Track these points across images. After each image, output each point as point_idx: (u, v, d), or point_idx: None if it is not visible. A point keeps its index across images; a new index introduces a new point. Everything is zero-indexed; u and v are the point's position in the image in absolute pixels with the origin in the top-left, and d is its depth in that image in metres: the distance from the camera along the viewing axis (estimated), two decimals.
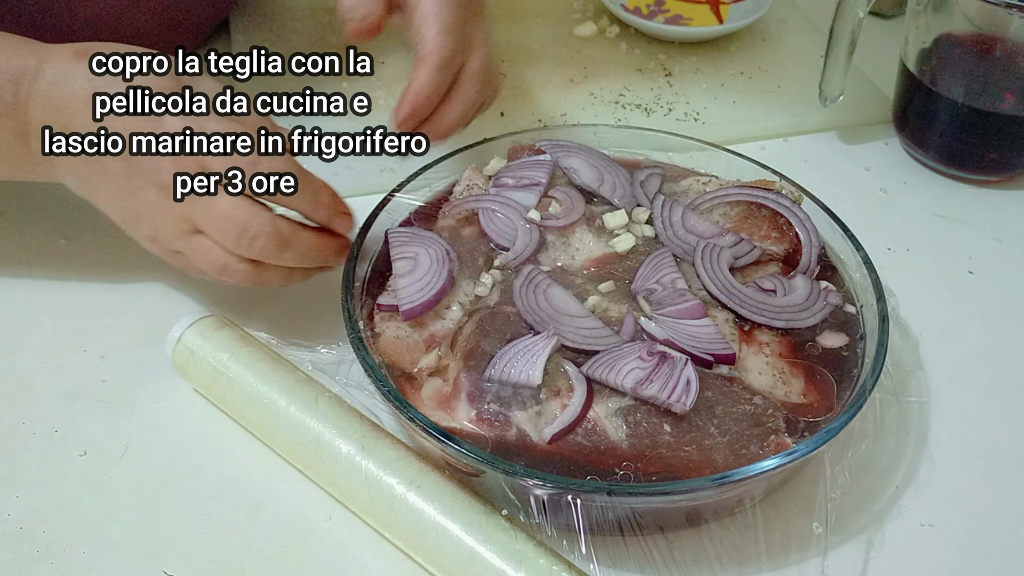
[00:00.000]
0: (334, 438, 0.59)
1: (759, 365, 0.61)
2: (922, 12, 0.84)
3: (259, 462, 0.63)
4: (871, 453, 0.63)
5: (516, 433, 0.57)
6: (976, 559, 0.59)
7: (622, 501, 0.54)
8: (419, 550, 0.56)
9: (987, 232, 0.82)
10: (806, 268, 0.68)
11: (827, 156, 0.90)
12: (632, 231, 0.69)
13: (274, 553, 0.58)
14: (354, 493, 0.58)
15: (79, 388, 0.67)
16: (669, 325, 0.61)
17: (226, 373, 0.63)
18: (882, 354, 0.60)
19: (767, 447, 0.56)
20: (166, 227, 0.62)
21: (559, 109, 0.92)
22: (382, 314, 0.64)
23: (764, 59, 1.00)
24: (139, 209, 0.63)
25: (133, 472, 0.62)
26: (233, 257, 0.62)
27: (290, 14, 1.04)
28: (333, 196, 0.66)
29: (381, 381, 0.58)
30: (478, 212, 0.70)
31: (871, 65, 0.97)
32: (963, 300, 0.76)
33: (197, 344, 0.64)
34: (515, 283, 0.64)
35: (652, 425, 0.57)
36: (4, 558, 0.58)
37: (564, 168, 0.73)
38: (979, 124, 0.83)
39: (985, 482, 0.63)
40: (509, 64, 0.98)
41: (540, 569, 0.53)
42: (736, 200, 0.71)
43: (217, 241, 0.62)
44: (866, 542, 0.59)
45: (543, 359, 0.59)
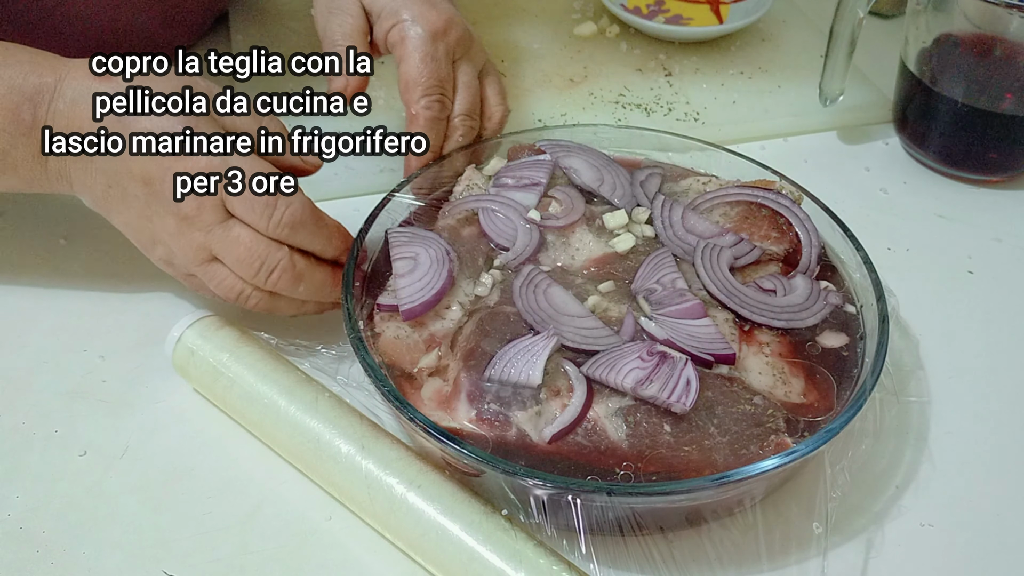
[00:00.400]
0: (334, 438, 0.59)
1: (759, 365, 0.61)
2: (922, 12, 0.84)
3: (259, 462, 0.63)
4: (871, 453, 0.63)
5: (516, 433, 0.57)
6: (976, 559, 0.59)
7: (622, 501, 0.54)
8: (419, 550, 0.56)
9: (987, 232, 0.82)
10: (806, 268, 0.68)
11: (827, 156, 0.90)
12: (632, 231, 0.69)
13: (274, 553, 0.58)
14: (354, 493, 0.58)
15: (79, 388, 0.67)
16: (669, 325, 0.61)
17: (226, 373, 0.63)
18: (882, 354, 0.60)
19: (767, 447, 0.56)
20: (183, 254, 0.63)
21: (559, 109, 0.92)
22: (382, 314, 0.64)
23: (764, 59, 1.00)
24: (157, 234, 0.64)
25: (133, 472, 0.62)
26: (249, 286, 0.64)
27: (290, 14, 1.04)
28: (345, 235, 0.67)
29: (381, 381, 0.58)
30: (478, 212, 0.70)
31: (871, 65, 0.97)
32: (963, 300, 0.76)
33: (197, 344, 0.64)
34: (515, 283, 0.64)
35: (652, 425, 0.57)
36: (4, 558, 0.58)
37: (564, 168, 0.73)
38: (979, 124, 0.83)
39: (985, 482, 0.63)
40: (509, 64, 0.98)
41: (540, 569, 0.53)
42: (736, 200, 0.71)
43: (234, 271, 0.63)
44: (866, 542, 0.59)
45: (543, 359, 0.59)
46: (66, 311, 0.72)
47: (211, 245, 0.62)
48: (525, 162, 0.74)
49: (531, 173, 0.72)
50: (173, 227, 0.62)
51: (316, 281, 0.65)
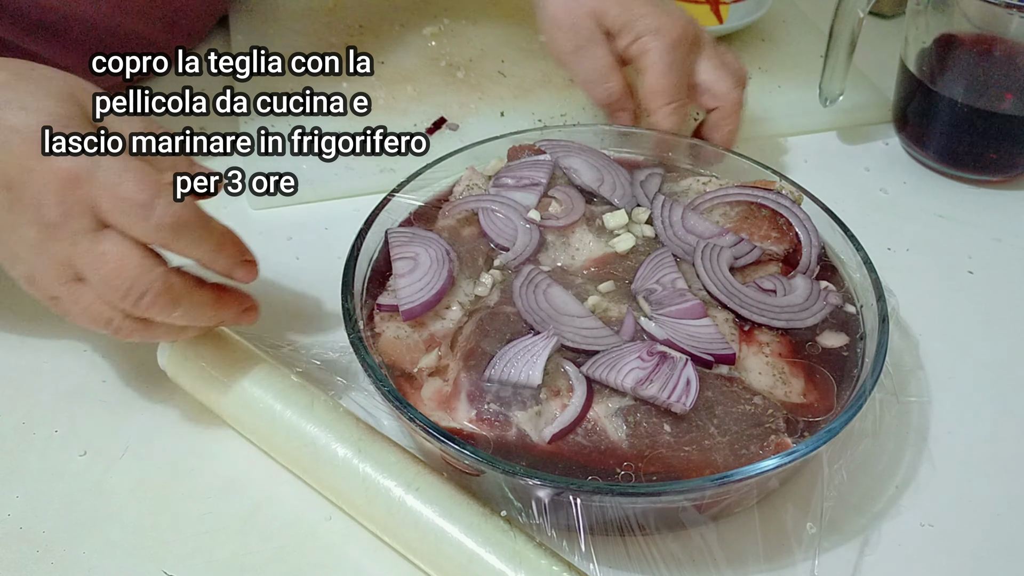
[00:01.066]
0: (330, 442, 0.59)
1: (759, 365, 0.61)
2: (922, 12, 0.84)
3: (259, 462, 0.63)
4: (871, 453, 0.63)
5: (516, 433, 0.57)
6: (976, 559, 0.59)
7: (623, 501, 0.54)
8: (418, 553, 0.56)
9: (987, 232, 0.82)
10: (806, 268, 0.68)
11: (827, 156, 0.90)
12: (632, 231, 0.69)
13: (273, 553, 0.58)
14: (352, 497, 0.58)
15: (79, 388, 0.67)
16: (669, 325, 0.61)
17: (220, 378, 0.62)
18: (882, 354, 0.60)
19: (767, 447, 0.56)
20: (45, 271, 0.56)
21: (559, 109, 0.92)
22: (382, 314, 0.64)
23: (764, 59, 1.00)
24: (17, 248, 0.56)
25: (133, 472, 0.62)
26: (118, 313, 0.57)
27: (290, 14, 1.04)
28: (237, 243, 0.61)
29: (381, 381, 0.58)
30: (478, 212, 0.70)
31: (871, 65, 0.97)
32: (963, 300, 0.76)
33: (190, 350, 0.63)
34: (515, 283, 0.64)
35: (652, 425, 0.57)
36: (4, 558, 0.58)
37: (564, 168, 0.73)
38: (979, 124, 0.83)
39: (985, 482, 0.63)
40: (509, 64, 0.98)
41: (540, 570, 0.53)
42: (736, 200, 0.71)
43: (100, 294, 0.56)
44: (865, 542, 0.59)
45: (543, 359, 0.59)
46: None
47: (76, 260, 0.55)
48: (525, 162, 0.74)
49: (531, 173, 0.72)
50: (35, 238, 0.55)
51: (195, 303, 0.58)
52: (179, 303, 0.57)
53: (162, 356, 0.65)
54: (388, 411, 0.62)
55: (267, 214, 0.82)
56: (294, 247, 0.79)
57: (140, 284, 0.55)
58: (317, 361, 0.66)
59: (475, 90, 0.94)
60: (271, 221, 0.81)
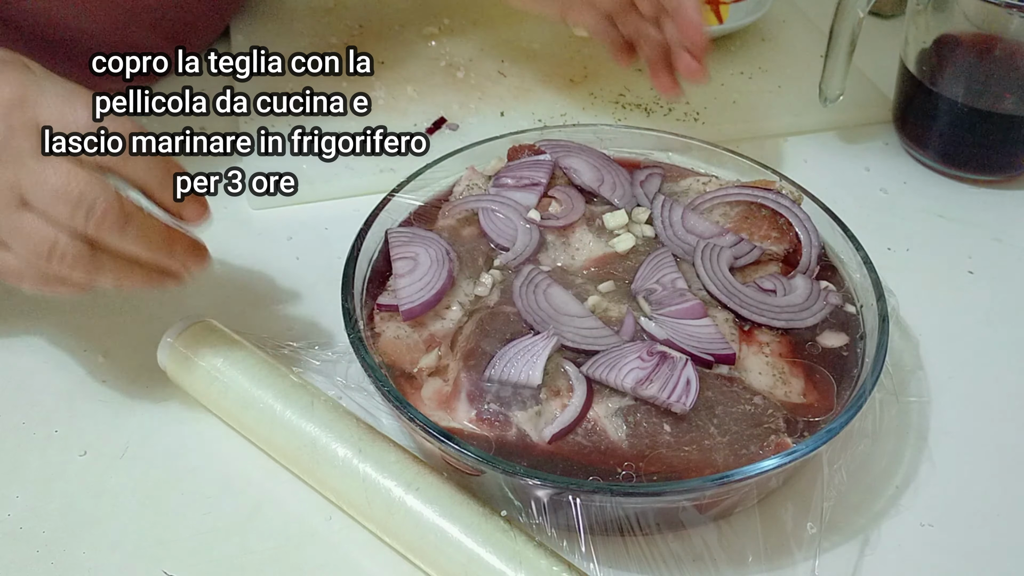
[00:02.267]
0: (331, 442, 0.59)
1: (759, 365, 0.61)
2: (922, 12, 0.84)
3: (259, 462, 0.63)
4: (870, 453, 0.63)
5: (516, 433, 0.57)
6: (976, 559, 0.59)
7: (623, 501, 0.54)
8: (418, 553, 0.56)
9: (987, 232, 0.82)
10: (806, 268, 0.68)
11: (827, 156, 0.90)
12: (632, 231, 0.69)
13: (273, 553, 0.58)
14: (352, 497, 0.58)
15: (79, 388, 0.67)
16: (669, 325, 0.61)
17: (220, 379, 0.62)
18: (882, 354, 0.60)
19: (767, 447, 0.56)
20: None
21: (559, 109, 0.92)
22: (382, 314, 0.64)
23: (764, 59, 1.00)
24: None
25: (133, 472, 0.62)
26: (64, 234, 0.54)
27: (290, 14, 1.04)
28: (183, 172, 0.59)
29: (381, 381, 0.58)
30: (478, 212, 0.70)
31: (871, 65, 0.97)
32: (963, 300, 0.76)
33: (190, 350, 0.64)
34: (515, 283, 0.64)
35: (652, 425, 0.57)
36: (4, 558, 0.58)
37: (564, 168, 0.73)
38: (979, 124, 0.83)
39: (985, 482, 0.63)
40: (509, 64, 0.98)
41: (540, 570, 0.53)
42: (736, 200, 0.71)
43: (47, 212, 0.54)
44: (865, 542, 0.59)
45: (543, 359, 0.59)
46: (67, 311, 0.72)
47: (23, 180, 0.53)
48: (525, 162, 0.74)
49: (531, 173, 0.72)
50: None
51: (146, 226, 0.56)
52: (131, 220, 0.55)
53: (162, 356, 0.65)
54: (388, 411, 0.62)
55: (267, 214, 0.82)
56: (294, 247, 0.79)
57: (91, 192, 0.53)
58: (317, 361, 0.66)
59: (475, 90, 0.94)
60: (271, 221, 0.81)
